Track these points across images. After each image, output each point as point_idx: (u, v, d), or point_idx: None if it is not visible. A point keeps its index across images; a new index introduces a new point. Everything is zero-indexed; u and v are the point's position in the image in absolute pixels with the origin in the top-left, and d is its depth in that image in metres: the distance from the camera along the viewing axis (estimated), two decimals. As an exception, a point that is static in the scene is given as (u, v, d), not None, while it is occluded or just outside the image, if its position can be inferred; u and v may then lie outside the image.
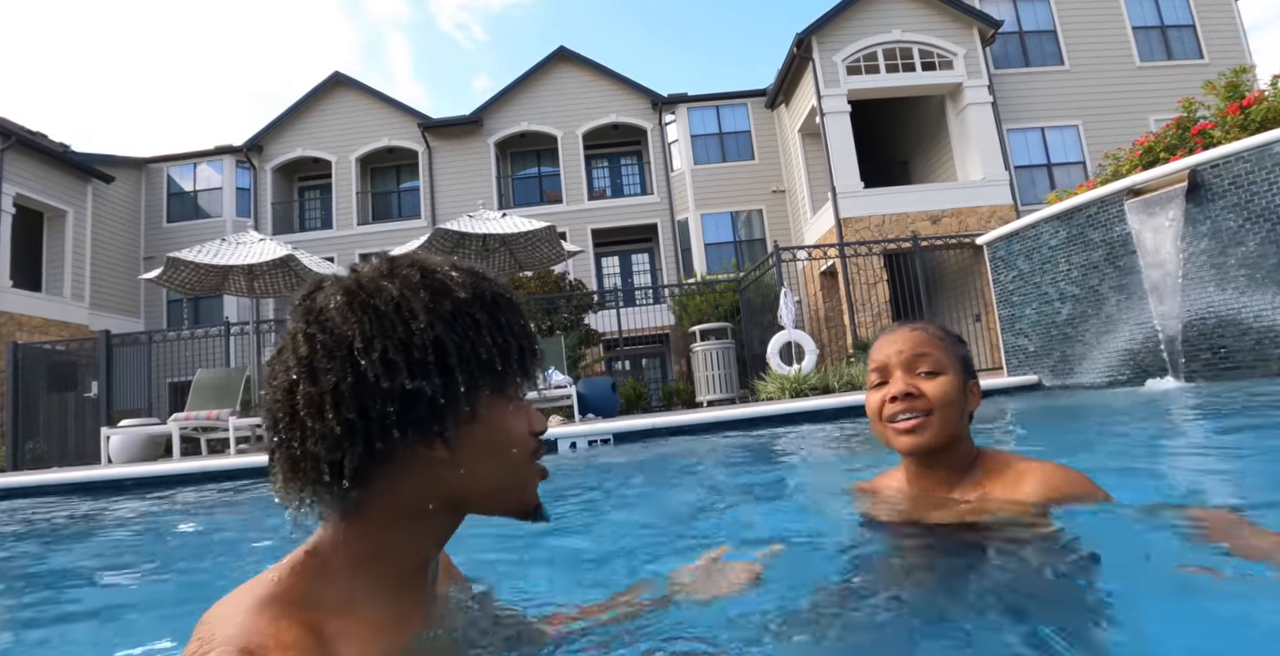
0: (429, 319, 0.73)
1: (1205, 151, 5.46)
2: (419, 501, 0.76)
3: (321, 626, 0.68)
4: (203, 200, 20.71)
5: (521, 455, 0.80)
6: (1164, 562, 1.16)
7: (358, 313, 0.73)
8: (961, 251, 13.87)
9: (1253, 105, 5.67)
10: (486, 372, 0.77)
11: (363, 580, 0.74)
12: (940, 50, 16.15)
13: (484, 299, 0.79)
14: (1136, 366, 5.92)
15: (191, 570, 2.34)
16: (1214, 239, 5.35)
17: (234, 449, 9.06)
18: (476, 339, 0.75)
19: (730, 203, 20.15)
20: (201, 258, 9.99)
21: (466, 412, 0.75)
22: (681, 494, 2.92)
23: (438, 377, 0.72)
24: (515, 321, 0.81)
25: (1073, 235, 6.35)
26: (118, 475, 6.02)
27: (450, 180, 20.63)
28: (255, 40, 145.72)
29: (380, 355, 0.71)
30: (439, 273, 0.78)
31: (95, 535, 3.59)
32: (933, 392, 1.29)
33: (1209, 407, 4.17)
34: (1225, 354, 5.34)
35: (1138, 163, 6.45)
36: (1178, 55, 17.25)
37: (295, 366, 0.72)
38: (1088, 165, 16.46)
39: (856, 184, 15.70)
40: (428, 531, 0.79)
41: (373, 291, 0.74)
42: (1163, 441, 3.25)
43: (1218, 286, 5.35)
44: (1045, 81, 17.10)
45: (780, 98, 19.36)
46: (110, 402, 11.33)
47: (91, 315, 17.59)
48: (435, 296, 0.75)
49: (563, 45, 21.01)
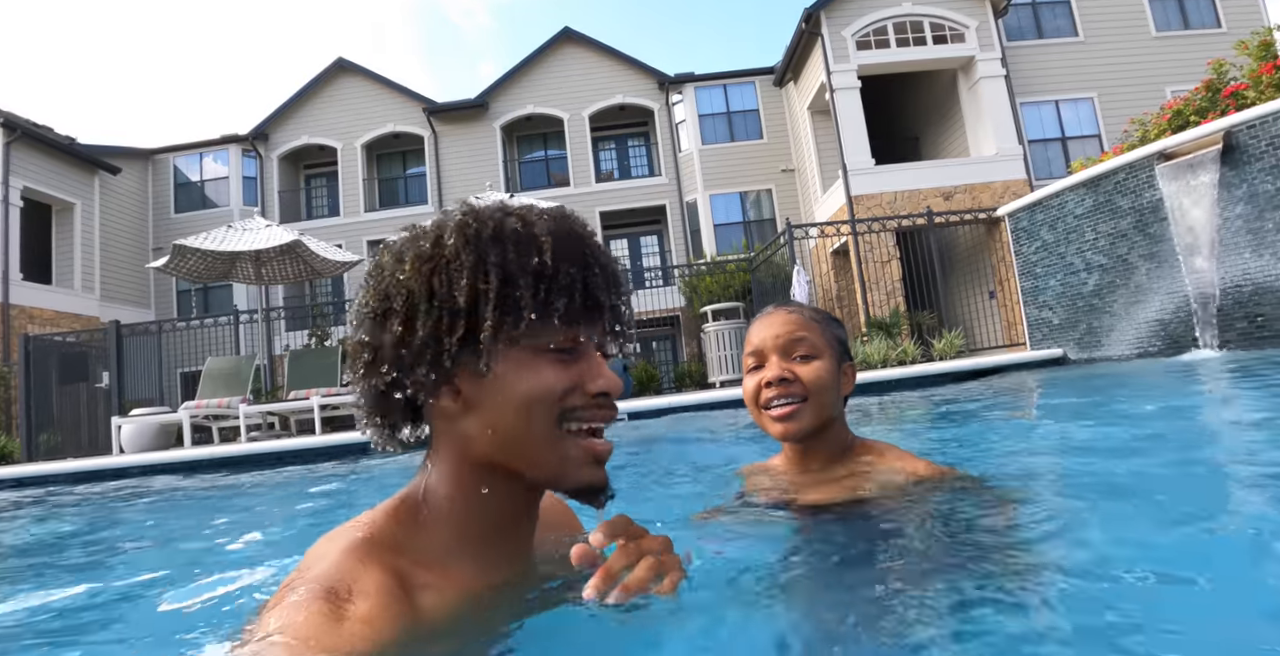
0: (411, 263, 0.71)
1: (1240, 113, 5.26)
2: (461, 457, 0.74)
3: (407, 574, 0.69)
4: (209, 190, 20.61)
5: (545, 416, 0.71)
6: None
7: (372, 265, 0.76)
8: (974, 227, 13.64)
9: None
10: (494, 321, 0.69)
11: (449, 532, 0.74)
12: (952, 23, 15.82)
13: (506, 238, 0.70)
14: (1168, 337, 5.76)
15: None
16: (1250, 203, 5.17)
17: (245, 436, 9.02)
18: (466, 284, 0.68)
19: (739, 183, 19.92)
20: (208, 244, 9.92)
21: (475, 364, 0.69)
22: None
23: (420, 326, 0.69)
24: (549, 265, 0.70)
25: (1100, 203, 6.16)
26: (145, 461, 5.97)
27: (457, 165, 20.46)
28: (259, 28, 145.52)
29: (366, 302, 0.73)
30: (465, 213, 0.74)
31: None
32: (808, 377, 1.27)
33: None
34: (1263, 322, 5.16)
35: (1166, 127, 6.24)
36: (1195, 24, 16.85)
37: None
38: (1103, 138, 16.15)
39: (868, 161, 15.45)
40: (495, 489, 0.74)
41: (388, 245, 0.77)
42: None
43: (1254, 252, 5.17)
44: (1059, 53, 16.75)
45: (789, 75, 19.06)
46: (122, 393, 11.30)
47: (102, 306, 17.58)
48: (420, 240, 0.74)
49: (567, 26, 20.73)
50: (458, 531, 0.74)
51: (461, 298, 0.68)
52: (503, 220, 0.72)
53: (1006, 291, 12.04)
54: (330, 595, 0.62)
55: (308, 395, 9.44)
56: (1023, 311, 7.30)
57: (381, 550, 0.70)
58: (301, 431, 10.41)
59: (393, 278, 0.72)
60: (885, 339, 10.11)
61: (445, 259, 0.70)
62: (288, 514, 2.97)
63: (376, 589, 0.64)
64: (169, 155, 20.63)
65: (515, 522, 0.78)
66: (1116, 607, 0.76)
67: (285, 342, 16.62)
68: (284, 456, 5.74)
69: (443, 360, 0.70)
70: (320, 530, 0.78)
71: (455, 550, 0.74)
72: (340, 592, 0.62)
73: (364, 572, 0.65)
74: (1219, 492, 1.34)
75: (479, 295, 0.68)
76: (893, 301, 13.70)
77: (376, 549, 0.69)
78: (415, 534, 0.73)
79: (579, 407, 0.72)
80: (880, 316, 12.52)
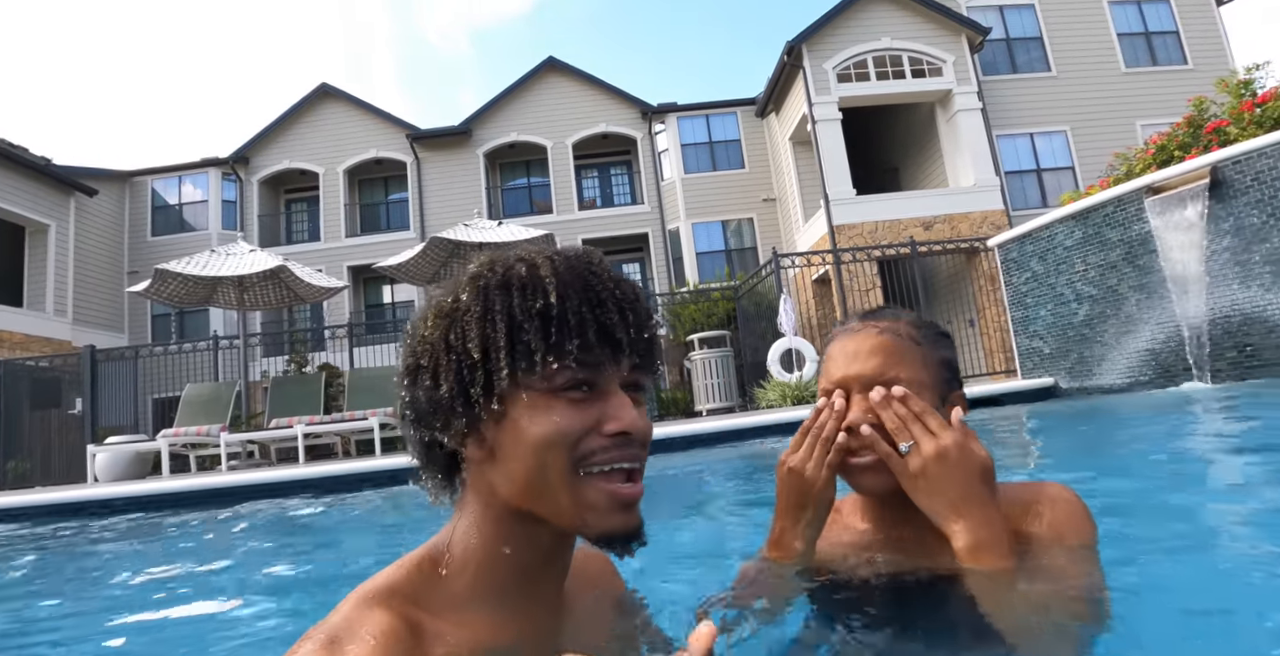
0: (431, 319, 0.73)
1: (1225, 148, 5.41)
2: (486, 504, 0.74)
3: (420, 623, 0.68)
4: (188, 213, 20.36)
5: (559, 460, 0.68)
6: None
7: (409, 324, 0.79)
8: (954, 256, 13.87)
9: (1269, 102, 5.64)
10: (505, 366, 0.68)
11: (471, 581, 0.73)
12: (929, 57, 16.22)
13: (512, 284, 0.71)
14: (1159, 367, 5.85)
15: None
16: (1237, 236, 5.30)
17: (225, 465, 8.80)
18: (476, 333, 0.69)
19: (721, 212, 20.12)
20: (191, 269, 9.77)
21: (484, 411, 0.70)
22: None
23: (443, 380, 0.71)
24: (554, 306, 0.69)
25: (1089, 235, 6.28)
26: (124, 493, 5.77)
27: (439, 191, 20.45)
28: (237, 52, 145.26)
29: (402, 360, 0.76)
30: (481, 264, 0.75)
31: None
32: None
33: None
34: (1251, 351, 5.26)
35: (1151, 161, 6.41)
36: (1162, 61, 17.43)
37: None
38: (1077, 170, 16.57)
39: (849, 191, 15.69)
40: (520, 537, 0.74)
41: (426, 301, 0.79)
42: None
43: (1242, 283, 5.28)
44: (1033, 88, 17.21)
45: (771, 106, 19.38)
46: (95, 419, 11.02)
47: (74, 331, 17.21)
48: (445, 295, 0.75)
49: (552, 55, 20.95)
50: (481, 581, 0.74)
51: (475, 348, 0.69)
52: (512, 267, 0.73)
53: (987, 319, 12.21)
54: (331, 643, 0.62)
55: (290, 423, 9.25)
56: (1013, 341, 7.38)
57: (396, 598, 0.69)
58: (282, 460, 10.19)
59: (420, 335, 0.74)
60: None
61: (460, 311, 0.71)
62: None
63: (379, 633, 0.63)
64: (147, 178, 20.40)
65: (542, 573, 0.76)
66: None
67: (263, 369, 16.35)
68: (309, 483, 5.58)
69: (468, 409, 0.70)
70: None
71: (476, 600, 0.73)
72: (342, 640, 0.62)
73: (370, 618, 0.65)
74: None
75: (489, 343, 0.69)
76: (876, 329, 13.81)
77: (390, 596, 0.69)
78: (436, 583, 0.73)
79: (596, 450, 0.69)
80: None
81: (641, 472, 0.73)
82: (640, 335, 0.73)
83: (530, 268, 0.72)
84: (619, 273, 0.76)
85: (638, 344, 0.73)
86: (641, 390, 0.76)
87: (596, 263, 0.75)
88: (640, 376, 0.75)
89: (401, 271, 11.03)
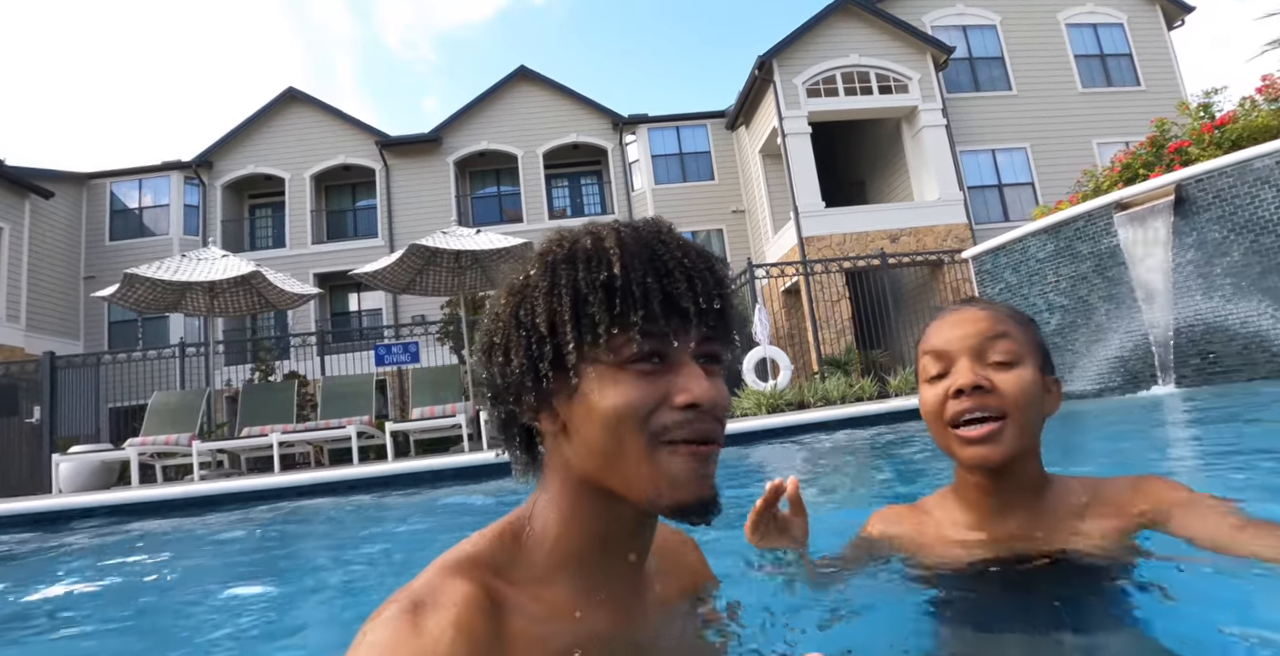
0: (504, 297, 0.75)
1: (1188, 167, 5.69)
2: (564, 478, 0.74)
3: (500, 592, 0.68)
4: (148, 217, 19.88)
5: (633, 433, 0.68)
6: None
7: (489, 303, 0.80)
8: (919, 269, 14.19)
9: (1227, 124, 5.95)
10: (573, 340, 0.69)
11: (551, 554, 0.74)
12: (896, 74, 16.64)
13: (578, 257, 0.71)
14: (1127, 373, 6.09)
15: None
16: (1200, 249, 5.56)
17: (196, 475, 8.62)
18: (544, 308, 0.70)
19: (691, 222, 20.29)
20: (161, 274, 9.57)
21: (553, 385, 0.71)
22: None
23: (514, 355, 0.72)
24: (618, 277, 0.68)
25: (1061, 248, 6.54)
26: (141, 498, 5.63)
27: (409, 199, 20.30)
28: (200, 56, 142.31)
29: (480, 338, 0.78)
30: (550, 240, 0.77)
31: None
32: (1008, 388, 0.99)
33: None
34: (1214, 359, 5.52)
35: (1118, 178, 6.69)
36: (1117, 82, 18.11)
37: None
38: (1036, 186, 17.10)
39: (818, 203, 15.98)
40: (597, 511, 0.74)
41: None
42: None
43: (1205, 295, 5.55)
44: (995, 106, 17.74)
45: (741, 119, 19.66)
46: (54, 429, 10.68)
47: (28, 337, 16.67)
48: (516, 273, 0.76)
49: (523, 65, 20.99)
50: (560, 554, 0.74)
51: (543, 322, 0.69)
52: (578, 240, 0.73)
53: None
54: (415, 607, 0.62)
55: (263, 431, 9.09)
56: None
57: (477, 567, 0.70)
58: (253, 469, 10.00)
59: (494, 313, 0.76)
60: (842, 376, 10.38)
61: (529, 287, 0.72)
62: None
63: (461, 601, 0.64)
64: (105, 180, 19.88)
65: (622, 548, 0.76)
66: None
67: (225, 377, 16.02)
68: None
69: (539, 384, 0.71)
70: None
71: (556, 573, 0.73)
72: (425, 605, 0.63)
73: (453, 586, 0.66)
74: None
75: (555, 317, 0.69)
76: (843, 340, 14.07)
77: (472, 565, 0.70)
78: (516, 554, 0.74)
79: (670, 425, 0.68)
80: (832, 354, 12.85)
81: (719, 445, 0.72)
82: (711, 305, 0.71)
83: (595, 240, 0.72)
84: (690, 241, 0.75)
85: (708, 314, 0.71)
86: (718, 361, 0.74)
87: (665, 231, 0.74)
88: (715, 347, 0.73)
89: (378, 278, 10.93)
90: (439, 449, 9.57)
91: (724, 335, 0.74)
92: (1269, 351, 5.20)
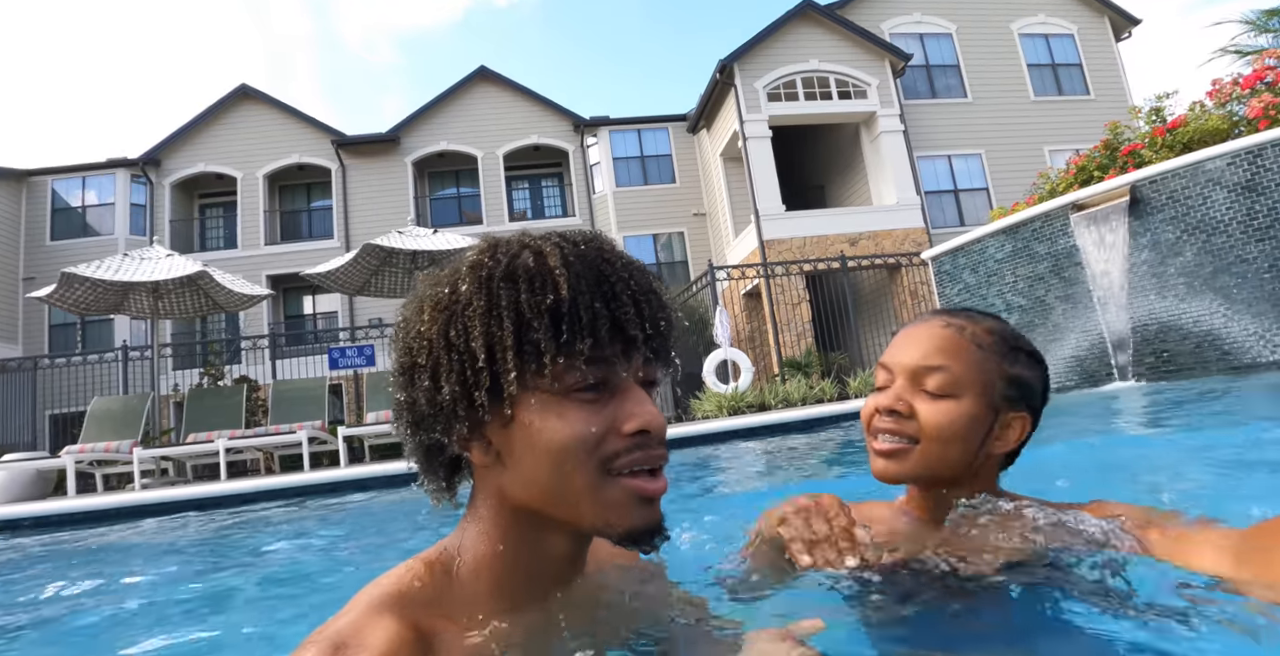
0: (428, 312, 0.69)
1: (1141, 169, 5.78)
2: (498, 507, 0.71)
3: (430, 628, 0.64)
4: (92, 217, 19.17)
5: (582, 465, 0.65)
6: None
7: (400, 317, 0.74)
8: (877, 272, 14.34)
9: (1178, 127, 6.06)
10: (514, 368, 0.64)
11: (484, 584, 0.70)
12: (855, 80, 16.82)
13: (519, 276, 0.66)
14: (1084, 372, 6.16)
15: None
16: (1154, 250, 5.64)
17: (138, 483, 8.27)
18: (480, 331, 0.65)
19: (652, 225, 20.27)
20: (102, 274, 9.20)
21: (489, 414, 0.66)
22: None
23: (444, 380, 0.66)
24: (566, 301, 0.64)
25: (1018, 248, 6.60)
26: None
27: (366, 199, 19.91)
28: (149, 50, 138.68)
29: (396, 358, 0.71)
30: (480, 251, 0.70)
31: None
32: (928, 419, 0.99)
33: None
34: (1168, 357, 5.61)
35: (1073, 181, 6.78)
36: (1068, 91, 18.56)
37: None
38: (991, 191, 17.42)
39: (778, 207, 16.06)
40: (535, 540, 0.71)
41: (415, 293, 0.73)
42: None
43: (1159, 294, 5.63)
44: (951, 112, 18.04)
45: (702, 122, 19.70)
46: (-14, 436, 10.21)
47: (-41, 341, 15.96)
48: (440, 285, 0.70)
49: (484, 65, 20.77)
50: (496, 584, 0.70)
51: (479, 346, 0.64)
52: (517, 255, 0.67)
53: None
54: (336, 651, 0.58)
55: (210, 437, 8.77)
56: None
57: (407, 603, 0.66)
58: (199, 477, 9.65)
59: (415, 330, 0.69)
60: (802, 378, 10.41)
61: (460, 305, 0.66)
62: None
63: (387, 642, 0.59)
64: (46, 178, 19.14)
65: (558, 573, 0.73)
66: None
67: (174, 382, 15.49)
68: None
69: (472, 412, 0.66)
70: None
71: (492, 603, 0.70)
72: (349, 647, 0.59)
73: (378, 625, 0.61)
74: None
75: (494, 342, 0.64)
76: (804, 342, 14.13)
77: (399, 601, 0.65)
78: (447, 586, 0.70)
79: (619, 452, 0.66)
80: (792, 356, 12.90)
81: (663, 468, 0.70)
82: (656, 328, 0.69)
83: (538, 257, 0.67)
84: (632, 258, 0.72)
85: (653, 338, 0.69)
86: (654, 385, 0.72)
87: (608, 249, 0.71)
88: (654, 370, 0.71)
89: (331, 279, 10.67)
90: (394, 454, 9.34)
91: (665, 359, 0.72)
92: (1220, 350, 5.30)
